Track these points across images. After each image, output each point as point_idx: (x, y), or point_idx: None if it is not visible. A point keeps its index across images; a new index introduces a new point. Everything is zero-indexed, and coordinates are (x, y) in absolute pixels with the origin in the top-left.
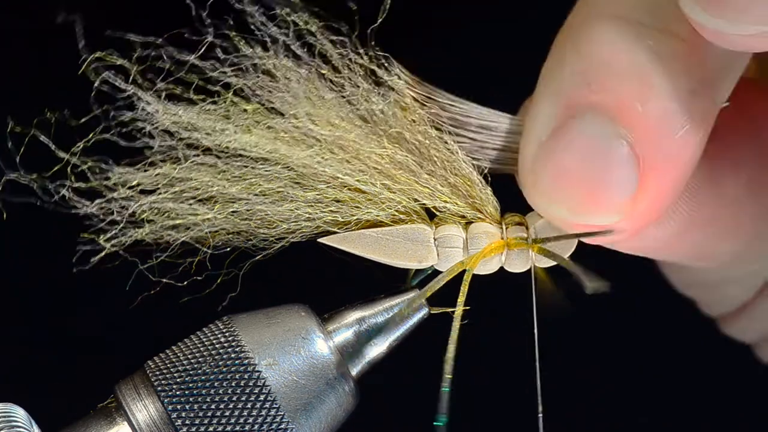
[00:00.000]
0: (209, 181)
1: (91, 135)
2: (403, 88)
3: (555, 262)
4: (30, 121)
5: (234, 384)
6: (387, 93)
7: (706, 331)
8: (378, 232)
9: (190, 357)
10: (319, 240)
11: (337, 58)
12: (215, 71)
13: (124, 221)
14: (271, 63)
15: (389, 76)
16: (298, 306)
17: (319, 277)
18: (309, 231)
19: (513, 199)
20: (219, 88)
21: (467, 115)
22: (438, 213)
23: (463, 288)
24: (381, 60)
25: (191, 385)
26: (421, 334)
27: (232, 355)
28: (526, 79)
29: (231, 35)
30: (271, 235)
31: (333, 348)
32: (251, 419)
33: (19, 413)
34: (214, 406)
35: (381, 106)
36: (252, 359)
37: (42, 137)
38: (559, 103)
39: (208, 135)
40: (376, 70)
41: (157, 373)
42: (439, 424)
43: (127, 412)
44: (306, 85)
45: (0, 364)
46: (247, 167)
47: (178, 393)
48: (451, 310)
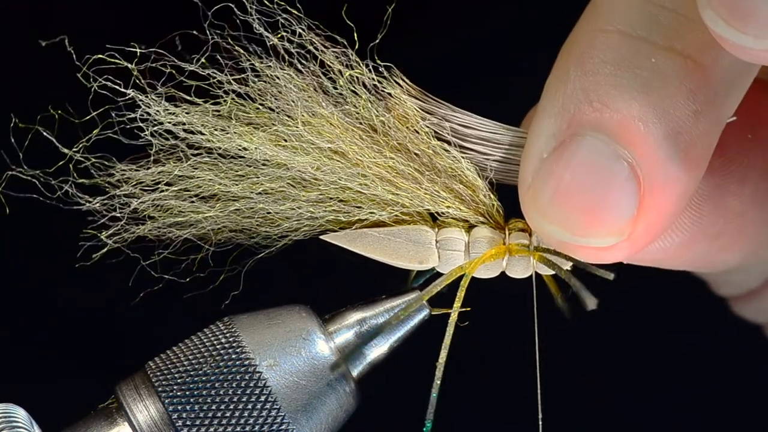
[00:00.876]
0: (211, 178)
1: (94, 132)
2: (405, 99)
3: (555, 273)
4: (33, 117)
5: (235, 385)
6: (388, 104)
7: (707, 331)
8: (380, 231)
9: (191, 357)
10: (321, 237)
11: (337, 68)
12: (217, 78)
13: (127, 218)
14: (273, 72)
15: (391, 86)
16: (299, 307)
17: (321, 277)
18: (311, 230)
19: (519, 205)
20: (221, 93)
21: (469, 126)
22: (441, 216)
23: (460, 293)
24: (382, 71)
25: (192, 385)
26: (422, 335)
27: (233, 356)
28: (532, 87)
29: (232, 45)
30: (274, 233)
31: (334, 349)
32: (252, 420)
33: (20, 413)
34: (214, 407)
35: (382, 117)
36: (253, 360)
37: (45, 133)
38: (562, 119)
39: (208, 140)
40: (377, 80)
41: (158, 373)
42: (425, 430)
43: (128, 413)
44: (306, 95)
45: (0, 364)
46: (249, 167)
47: (179, 393)
48: (451, 311)
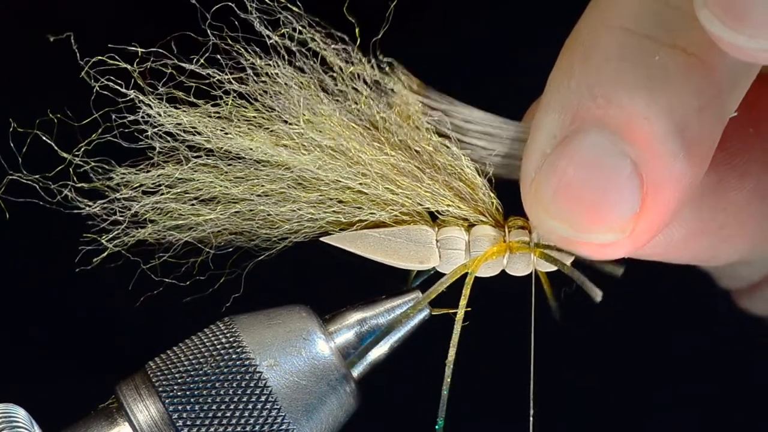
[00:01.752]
0: (212, 181)
1: (94, 135)
2: (407, 94)
3: (557, 268)
4: (32, 121)
5: (235, 385)
6: (390, 99)
7: (706, 331)
8: (380, 232)
9: (191, 357)
10: (321, 239)
11: (338, 65)
12: (217, 77)
13: (127, 221)
14: (273, 70)
15: (393, 81)
16: (300, 307)
17: (321, 277)
18: (311, 231)
19: (517, 203)
20: (221, 93)
21: (472, 120)
22: (441, 215)
23: (465, 290)
24: (384, 66)
25: (192, 385)
26: (422, 335)
27: (234, 356)
28: (534, 84)
29: (232, 45)
30: (274, 236)
31: (334, 349)
32: (252, 420)
33: (20, 413)
34: (215, 407)
35: (383, 113)
36: (253, 360)
37: (45, 137)
38: (566, 114)
39: (208, 140)
40: (379, 76)
41: (158, 373)
42: (437, 428)
43: (128, 413)
44: (307, 93)
45: (0, 364)
46: (250, 169)
47: (179, 393)
48: (452, 312)
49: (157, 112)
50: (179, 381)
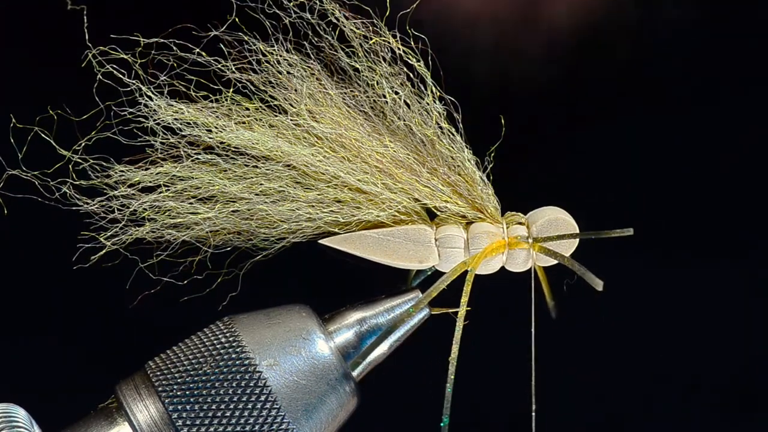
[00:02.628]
0: (210, 180)
1: (93, 133)
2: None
3: (557, 261)
4: (32, 118)
5: (235, 384)
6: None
7: (707, 331)
8: (379, 233)
9: (191, 357)
10: (319, 241)
11: (360, 36)
12: (218, 65)
13: (125, 219)
14: (276, 57)
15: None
16: (299, 306)
17: (320, 277)
18: (310, 231)
19: (513, 199)
20: (220, 87)
21: None
22: (439, 213)
23: (466, 288)
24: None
25: (192, 385)
26: (422, 334)
27: (233, 356)
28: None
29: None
30: (272, 235)
31: (334, 348)
32: (252, 420)
33: (20, 413)
34: (215, 407)
35: (393, 94)
36: (253, 360)
37: (44, 134)
38: None
39: (209, 131)
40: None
41: (158, 373)
42: (442, 425)
43: (128, 413)
44: (310, 82)
45: (0, 365)
46: (249, 166)
47: (179, 393)
48: (452, 311)
49: (158, 104)
50: (179, 381)
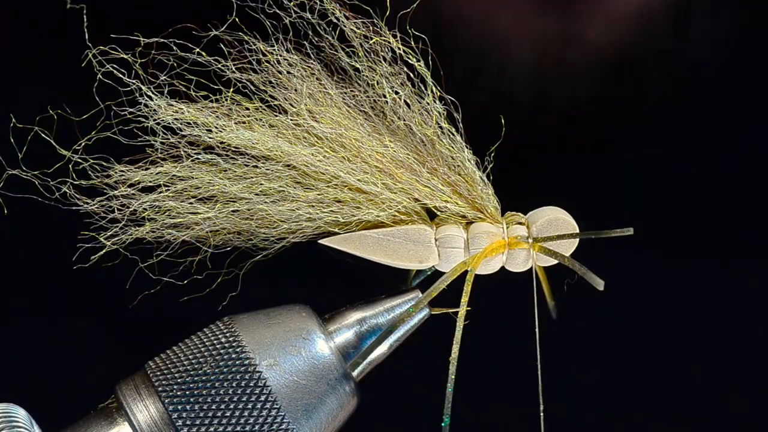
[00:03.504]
0: (210, 180)
1: (93, 133)
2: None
3: (557, 261)
4: (32, 118)
5: (235, 384)
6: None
7: (707, 331)
8: (379, 233)
9: (191, 357)
10: (319, 241)
11: (360, 35)
12: (218, 65)
13: (125, 219)
14: (276, 57)
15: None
16: (299, 306)
17: (320, 277)
18: (310, 231)
19: (513, 199)
20: (220, 86)
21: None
22: (439, 213)
23: (466, 288)
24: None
25: (192, 385)
26: (422, 334)
27: (233, 356)
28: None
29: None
30: (272, 235)
31: (334, 348)
32: (252, 420)
33: (20, 413)
34: (215, 407)
35: (395, 94)
36: (253, 359)
37: (44, 134)
38: None
39: (209, 131)
40: (403, 50)
41: (158, 373)
42: (443, 425)
43: (128, 413)
44: (310, 82)
45: (0, 365)
46: (248, 166)
47: (179, 393)
48: (452, 311)
49: (158, 104)
50: (179, 381)
